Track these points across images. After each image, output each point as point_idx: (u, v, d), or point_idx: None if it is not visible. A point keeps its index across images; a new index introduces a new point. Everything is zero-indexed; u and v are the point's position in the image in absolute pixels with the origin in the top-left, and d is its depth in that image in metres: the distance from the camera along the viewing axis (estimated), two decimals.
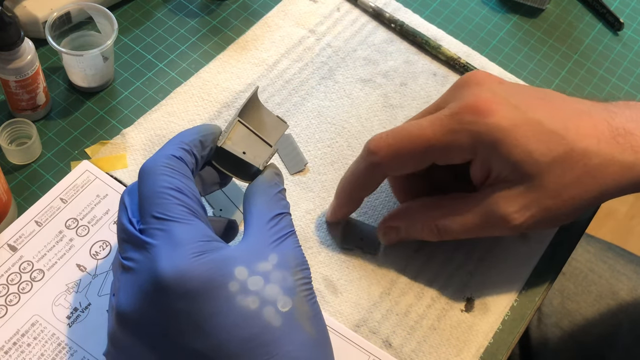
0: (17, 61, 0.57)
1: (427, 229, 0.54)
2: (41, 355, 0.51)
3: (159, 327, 0.41)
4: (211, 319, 0.40)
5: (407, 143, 0.52)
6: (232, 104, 0.65)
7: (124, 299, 0.42)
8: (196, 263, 0.41)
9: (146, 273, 0.41)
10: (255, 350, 0.41)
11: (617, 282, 0.80)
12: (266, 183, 0.48)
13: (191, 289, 0.40)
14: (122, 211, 0.45)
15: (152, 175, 0.44)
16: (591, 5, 0.79)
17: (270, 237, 0.44)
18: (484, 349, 0.55)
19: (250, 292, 0.41)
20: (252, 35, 0.70)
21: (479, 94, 0.51)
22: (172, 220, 0.43)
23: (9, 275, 0.54)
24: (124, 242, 0.44)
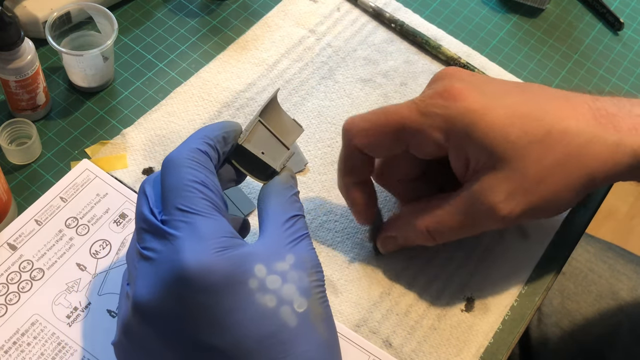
0: (17, 61, 0.57)
1: (420, 235, 0.54)
2: (41, 354, 0.51)
3: (177, 319, 0.41)
4: (231, 314, 0.41)
5: (382, 120, 0.52)
6: (232, 104, 0.65)
7: (143, 288, 0.42)
8: (219, 258, 0.41)
9: (168, 264, 0.41)
10: (271, 348, 0.41)
11: (617, 282, 0.80)
12: (282, 185, 0.48)
13: (213, 283, 0.40)
14: (142, 201, 0.45)
15: (178, 167, 0.44)
16: (591, 5, 0.79)
17: (286, 238, 0.45)
18: (484, 349, 0.55)
19: (269, 290, 0.42)
20: (252, 35, 0.70)
21: (451, 83, 0.51)
22: (196, 214, 0.43)
23: (8, 274, 0.54)
24: (145, 232, 0.44)
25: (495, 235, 0.60)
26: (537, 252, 0.60)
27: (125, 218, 0.57)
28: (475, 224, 0.52)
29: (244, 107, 0.65)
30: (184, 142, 0.47)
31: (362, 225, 0.59)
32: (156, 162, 0.61)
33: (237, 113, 0.64)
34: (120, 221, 0.57)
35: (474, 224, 0.52)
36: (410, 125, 0.51)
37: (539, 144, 0.49)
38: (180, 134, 0.62)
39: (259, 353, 0.41)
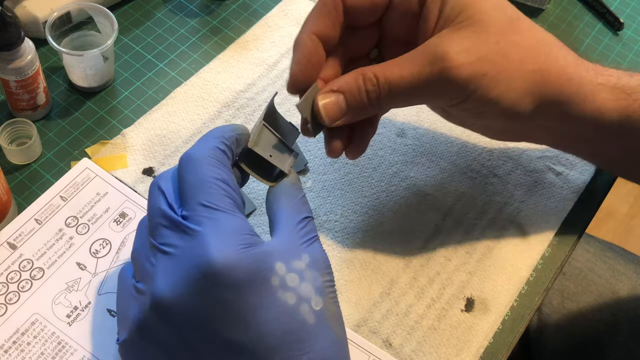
0: (17, 61, 0.57)
1: (368, 83, 0.49)
2: (41, 354, 0.51)
3: (200, 315, 0.41)
4: (255, 311, 0.41)
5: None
6: (232, 104, 0.65)
7: (164, 284, 0.41)
8: (244, 255, 0.41)
9: (192, 259, 0.41)
10: (291, 345, 0.41)
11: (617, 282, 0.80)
12: (292, 186, 0.48)
13: (239, 279, 0.40)
14: (159, 197, 0.45)
15: (199, 164, 0.44)
16: (591, 5, 0.79)
17: (300, 239, 0.45)
18: (484, 349, 0.55)
19: (289, 287, 0.42)
20: (252, 35, 0.70)
21: None
22: (220, 210, 0.43)
23: (8, 273, 0.54)
24: (163, 227, 0.43)
25: (495, 235, 0.61)
26: (537, 252, 0.60)
27: (126, 217, 0.57)
28: (428, 76, 0.48)
29: (244, 107, 0.65)
30: (201, 141, 0.47)
31: (293, 94, 0.52)
32: (156, 162, 0.61)
33: (237, 113, 0.64)
34: (120, 220, 0.57)
35: (427, 76, 0.48)
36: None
37: (509, 22, 0.50)
38: (180, 134, 0.62)
39: (280, 350, 0.41)
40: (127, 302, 0.45)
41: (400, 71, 0.49)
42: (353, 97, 0.50)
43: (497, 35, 0.49)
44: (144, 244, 0.45)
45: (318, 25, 0.51)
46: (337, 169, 0.62)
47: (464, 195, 0.62)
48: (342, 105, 0.50)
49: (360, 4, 0.51)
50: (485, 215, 0.61)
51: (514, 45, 0.49)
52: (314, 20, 0.51)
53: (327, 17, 0.51)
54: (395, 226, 0.60)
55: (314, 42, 0.51)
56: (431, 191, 0.62)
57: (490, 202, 0.62)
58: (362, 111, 0.51)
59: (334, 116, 0.50)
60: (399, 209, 0.61)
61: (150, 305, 0.42)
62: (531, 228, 0.61)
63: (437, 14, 0.50)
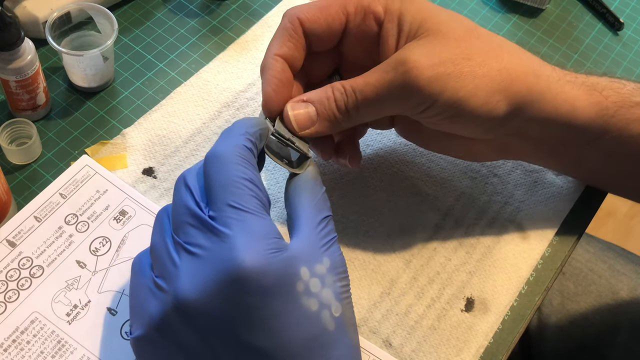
0: (17, 61, 0.57)
1: (337, 92, 0.50)
2: (40, 352, 0.51)
3: (225, 319, 0.40)
4: (279, 317, 0.40)
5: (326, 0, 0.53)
6: (232, 104, 0.65)
7: (190, 285, 0.41)
8: (273, 260, 0.41)
9: (221, 262, 0.40)
10: (312, 351, 0.41)
11: (617, 282, 0.80)
12: (313, 180, 0.48)
13: (267, 285, 0.40)
14: (185, 194, 0.44)
15: (227, 163, 0.44)
16: (591, 5, 0.79)
17: (321, 240, 0.44)
18: (484, 349, 0.55)
19: (312, 294, 0.42)
20: (252, 35, 0.70)
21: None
22: (248, 212, 0.42)
23: (8, 271, 0.53)
24: (190, 226, 0.43)
25: (495, 235, 0.60)
26: (537, 252, 0.60)
27: (125, 215, 0.57)
28: (392, 80, 0.49)
29: (244, 107, 0.65)
30: (226, 137, 0.46)
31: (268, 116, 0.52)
32: (156, 162, 0.61)
33: (237, 113, 0.64)
34: (120, 218, 0.57)
35: (390, 80, 0.49)
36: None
37: (467, 30, 0.51)
38: (180, 134, 0.62)
39: (301, 356, 0.41)
40: (144, 296, 0.44)
41: (366, 79, 0.50)
42: (322, 106, 0.50)
43: (457, 41, 0.50)
44: (164, 239, 0.44)
45: (282, 48, 0.52)
46: (337, 168, 0.62)
47: (464, 195, 0.62)
48: (312, 115, 0.51)
49: (317, 28, 0.52)
50: (485, 215, 0.61)
51: (475, 48, 0.50)
52: (277, 43, 0.52)
53: (289, 40, 0.52)
54: (395, 226, 0.60)
55: (281, 63, 0.52)
56: (431, 191, 0.62)
57: (490, 202, 0.62)
58: (332, 121, 0.51)
59: (303, 125, 0.51)
60: (399, 209, 0.61)
61: (172, 305, 0.41)
62: (531, 228, 0.61)
63: (396, 33, 0.51)
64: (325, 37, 0.53)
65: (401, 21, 0.51)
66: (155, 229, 0.46)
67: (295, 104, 0.51)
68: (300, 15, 0.52)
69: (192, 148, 0.62)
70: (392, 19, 0.51)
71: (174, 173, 0.60)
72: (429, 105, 0.50)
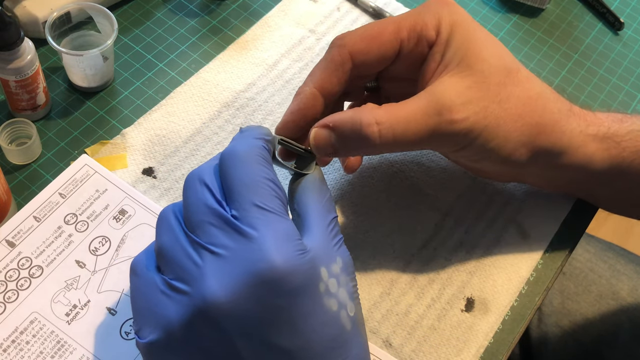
0: (17, 61, 0.57)
1: (365, 118, 0.48)
2: (40, 353, 0.50)
3: (252, 320, 0.40)
4: (306, 317, 0.40)
5: (377, 25, 0.52)
6: (232, 103, 0.65)
7: (217, 286, 0.39)
8: (301, 260, 0.40)
9: (249, 264, 0.40)
10: (333, 351, 0.41)
11: (618, 281, 0.80)
12: (320, 182, 0.48)
13: (295, 285, 0.40)
14: (204, 192, 0.43)
15: (249, 162, 0.43)
16: (591, 4, 0.79)
17: (332, 240, 0.44)
18: (484, 349, 0.55)
19: (331, 294, 0.42)
20: (252, 35, 0.70)
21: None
22: (273, 213, 0.42)
23: (7, 271, 0.53)
24: (210, 225, 0.42)
25: (495, 235, 0.60)
26: (537, 252, 0.60)
27: (125, 214, 0.57)
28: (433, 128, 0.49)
29: (244, 107, 0.65)
30: (240, 138, 0.45)
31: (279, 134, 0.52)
32: (156, 162, 0.61)
33: (237, 113, 0.64)
34: (119, 217, 0.57)
35: (432, 128, 0.49)
36: (404, 23, 0.52)
37: (508, 72, 0.51)
38: (180, 133, 0.62)
39: (324, 356, 0.41)
40: (155, 299, 0.42)
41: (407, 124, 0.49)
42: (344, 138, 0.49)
43: (497, 86, 0.50)
44: (178, 239, 0.43)
45: (323, 81, 0.52)
46: (337, 168, 0.62)
47: (464, 195, 0.62)
48: (334, 141, 0.50)
49: (368, 60, 0.52)
50: (485, 215, 0.61)
51: (513, 98, 0.51)
52: (320, 75, 0.52)
53: (333, 74, 0.52)
54: (395, 226, 0.60)
55: (315, 98, 0.51)
56: (431, 191, 0.62)
57: (491, 202, 0.62)
58: (354, 152, 0.52)
59: (323, 149, 0.50)
60: (399, 209, 0.61)
61: (197, 308, 0.40)
62: (531, 228, 0.61)
63: (439, 58, 0.51)
64: (375, 66, 0.53)
65: (447, 48, 0.51)
66: (162, 229, 0.44)
67: (320, 129, 0.50)
68: (352, 48, 0.51)
69: (192, 148, 0.62)
70: (440, 43, 0.51)
71: (173, 173, 0.60)
72: (460, 148, 0.52)
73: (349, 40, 0.52)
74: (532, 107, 0.51)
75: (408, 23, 0.52)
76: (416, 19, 0.52)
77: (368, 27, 0.52)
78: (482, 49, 0.51)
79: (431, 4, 0.53)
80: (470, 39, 0.51)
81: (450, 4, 0.52)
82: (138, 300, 0.43)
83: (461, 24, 0.51)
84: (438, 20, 0.51)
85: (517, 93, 0.51)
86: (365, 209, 0.61)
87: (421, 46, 0.52)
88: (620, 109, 0.72)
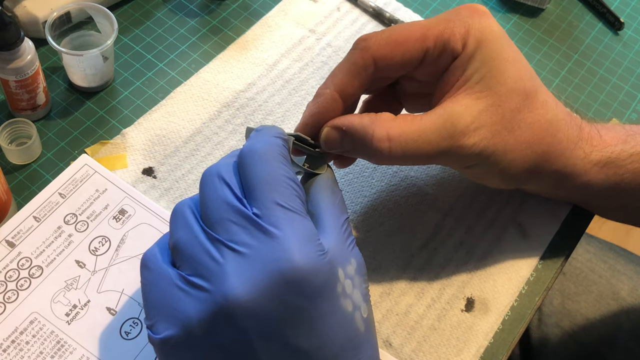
0: (17, 61, 0.57)
1: (377, 132, 0.49)
2: (40, 353, 0.50)
3: (273, 320, 0.39)
4: (325, 318, 0.40)
5: (403, 29, 0.51)
6: (232, 103, 0.65)
7: (239, 285, 0.39)
8: (322, 261, 0.40)
9: (273, 262, 0.39)
10: (349, 352, 0.41)
11: (618, 282, 0.80)
12: (332, 182, 0.48)
13: (317, 286, 0.40)
14: (223, 189, 0.42)
15: (271, 161, 0.43)
16: (591, 4, 0.79)
17: (346, 241, 0.44)
18: (484, 349, 0.55)
19: (347, 295, 0.42)
20: (252, 35, 0.70)
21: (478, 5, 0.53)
22: (295, 212, 0.42)
23: (7, 271, 0.53)
24: (231, 223, 0.41)
25: (495, 235, 0.60)
26: (537, 252, 0.60)
27: (125, 214, 0.57)
28: (445, 149, 0.49)
29: (244, 107, 0.65)
30: (258, 137, 0.45)
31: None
32: (156, 162, 0.61)
33: (237, 113, 0.64)
34: (119, 217, 0.57)
35: (444, 149, 0.49)
36: (432, 31, 0.50)
37: (524, 98, 0.51)
38: (180, 133, 0.62)
39: (340, 357, 0.41)
40: (171, 295, 0.41)
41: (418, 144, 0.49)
42: (354, 143, 0.50)
43: (511, 112, 0.50)
44: (195, 236, 0.42)
45: (344, 84, 0.51)
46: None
47: (464, 195, 0.62)
48: (344, 144, 0.50)
49: (391, 65, 0.51)
50: (485, 215, 0.61)
51: (524, 125, 0.51)
52: (341, 77, 0.51)
53: (355, 79, 0.51)
54: (395, 226, 0.60)
55: (335, 101, 0.51)
56: (431, 191, 0.62)
57: (491, 202, 0.62)
58: (361, 157, 0.52)
59: (332, 148, 0.51)
60: (399, 209, 0.61)
61: (217, 305, 0.39)
62: (531, 228, 0.61)
63: (460, 73, 0.51)
64: (397, 70, 0.52)
65: (469, 63, 0.50)
66: (178, 225, 0.44)
67: (332, 129, 0.50)
68: (376, 52, 0.50)
69: (192, 148, 0.62)
70: (464, 57, 0.51)
71: (173, 173, 0.60)
72: (466, 167, 0.52)
73: (374, 44, 0.51)
74: (542, 135, 0.51)
75: (436, 31, 0.50)
76: (445, 27, 0.50)
77: (394, 30, 0.51)
78: (504, 71, 0.50)
79: (463, 10, 0.51)
80: (494, 58, 0.50)
81: (482, 14, 0.51)
82: (151, 295, 0.43)
83: (488, 39, 0.50)
84: (467, 31, 0.50)
85: (530, 119, 0.51)
86: (365, 209, 0.61)
87: (445, 56, 0.51)
88: (620, 109, 0.72)
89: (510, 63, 0.50)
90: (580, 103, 0.72)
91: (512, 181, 0.54)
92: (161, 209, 0.58)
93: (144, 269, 0.44)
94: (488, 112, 0.49)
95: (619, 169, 0.55)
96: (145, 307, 0.43)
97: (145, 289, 0.43)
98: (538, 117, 0.51)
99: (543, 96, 0.52)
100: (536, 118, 0.51)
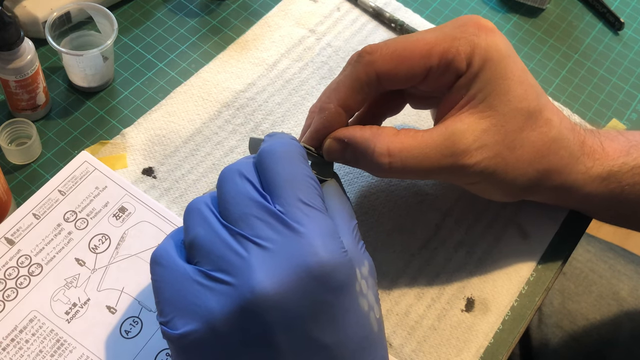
0: (17, 61, 0.57)
1: (378, 146, 0.49)
2: (40, 351, 0.50)
3: (298, 314, 0.40)
4: (346, 314, 0.41)
5: (408, 44, 0.51)
6: (232, 103, 0.65)
7: (265, 279, 0.39)
8: (345, 258, 0.41)
9: (299, 258, 0.40)
10: (364, 350, 0.42)
11: (618, 282, 0.80)
12: (341, 188, 0.48)
13: (340, 282, 0.40)
14: (245, 185, 0.43)
15: (292, 160, 0.44)
16: (591, 4, 0.79)
17: (357, 244, 0.44)
18: (484, 349, 0.55)
19: (364, 294, 0.42)
20: (252, 35, 0.70)
21: (484, 20, 0.52)
22: (318, 210, 0.42)
23: (6, 269, 0.53)
24: (255, 218, 0.41)
25: (495, 235, 0.60)
26: (537, 252, 0.60)
27: (125, 212, 0.57)
28: (446, 167, 0.50)
29: (244, 107, 0.65)
30: (276, 137, 0.46)
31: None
32: (156, 162, 0.61)
33: (237, 113, 0.64)
34: (119, 215, 0.57)
35: (445, 167, 0.50)
36: (437, 48, 0.50)
37: (529, 116, 0.51)
38: (180, 133, 0.62)
39: (358, 354, 0.41)
40: (190, 290, 0.41)
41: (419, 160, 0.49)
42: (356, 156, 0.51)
43: (514, 132, 0.50)
44: (216, 231, 0.42)
45: (348, 99, 0.51)
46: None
47: (464, 195, 0.62)
48: (346, 155, 0.51)
49: (394, 80, 0.51)
50: (485, 215, 0.61)
51: (527, 144, 0.51)
52: (345, 92, 0.51)
53: (358, 93, 0.51)
54: (395, 226, 0.60)
55: (340, 115, 0.51)
56: (431, 191, 0.62)
57: (490, 202, 0.62)
58: (362, 168, 0.52)
59: (334, 159, 0.52)
60: (399, 209, 0.61)
61: (243, 299, 0.39)
62: (531, 228, 0.61)
63: (464, 91, 0.51)
64: (400, 85, 0.52)
65: (474, 82, 0.50)
66: (195, 221, 0.44)
67: (332, 143, 0.51)
68: (380, 67, 0.50)
69: (191, 148, 0.62)
70: (468, 76, 0.50)
71: (173, 173, 0.60)
72: (467, 184, 0.54)
73: (379, 57, 0.50)
74: (544, 153, 0.52)
75: (441, 49, 0.50)
76: (450, 45, 0.50)
77: (399, 44, 0.51)
78: (508, 90, 0.50)
79: (469, 27, 0.51)
80: (498, 77, 0.50)
81: (489, 31, 0.51)
82: (166, 291, 0.42)
83: (494, 58, 0.50)
84: (472, 49, 0.50)
85: (533, 138, 0.51)
86: (365, 209, 0.61)
87: (449, 75, 0.51)
88: (620, 109, 0.72)
89: (515, 82, 0.50)
90: (580, 103, 0.72)
91: (513, 196, 0.55)
92: (162, 206, 0.58)
93: (156, 265, 0.44)
94: (491, 131, 0.50)
95: (620, 182, 0.55)
96: (159, 304, 0.42)
97: (159, 285, 0.43)
98: (541, 135, 0.51)
99: (547, 114, 0.52)
100: (539, 137, 0.51)
